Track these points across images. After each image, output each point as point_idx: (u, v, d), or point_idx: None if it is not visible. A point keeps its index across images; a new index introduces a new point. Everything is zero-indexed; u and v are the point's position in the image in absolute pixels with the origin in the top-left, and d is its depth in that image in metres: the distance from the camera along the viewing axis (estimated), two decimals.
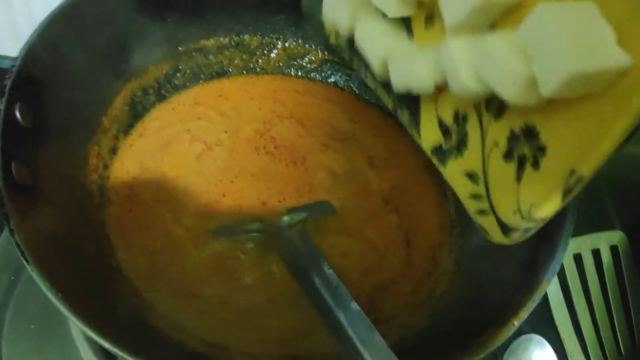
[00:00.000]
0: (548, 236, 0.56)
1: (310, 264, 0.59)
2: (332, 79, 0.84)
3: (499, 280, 0.58)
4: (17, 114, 0.56)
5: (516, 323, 0.50)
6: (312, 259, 0.60)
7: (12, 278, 0.71)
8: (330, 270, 0.58)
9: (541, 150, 0.41)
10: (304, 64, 0.85)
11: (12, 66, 0.58)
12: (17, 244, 0.49)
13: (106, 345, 0.45)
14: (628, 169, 0.99)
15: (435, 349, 0.52)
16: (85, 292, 0.54)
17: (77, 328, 0.68)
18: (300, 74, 0.85)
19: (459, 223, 0.71)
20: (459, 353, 0.49)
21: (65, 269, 0.53)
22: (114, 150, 0.71)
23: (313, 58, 0.84)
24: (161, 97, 0.77)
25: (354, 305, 0.54)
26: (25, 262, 0.48)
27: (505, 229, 0.47)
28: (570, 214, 0.56)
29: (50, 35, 0.62)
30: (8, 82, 0.56)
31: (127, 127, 0.74)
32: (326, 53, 0.84)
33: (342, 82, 0.84)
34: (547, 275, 0.52)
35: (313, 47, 0.84)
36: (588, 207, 0.90)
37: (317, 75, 0.85)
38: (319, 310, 0.56)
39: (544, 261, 0.54)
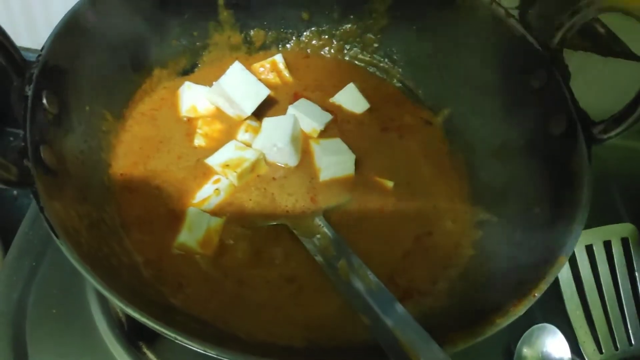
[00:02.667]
0: (564, 215, 0.58)
1: (338, 253, 0.62)
2: None
3: (516, 260, 0.59)
4: (44, 101, 0.58)
5: (537, 295, 0.51)
6: (339, 249, 0.62)
7: (34, 264, 0.72)
8: (355, 255, 0.61)
9: None
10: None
11: (39, 55, 0.59)
12: (46, 219, 0.50)
13: (130, 311, 0.46)
14: (637, 164, 1.01)
15: (456, 324, 0.53)
16: (109, 267, 0.55)
17: (98, 312, 0.69)
18: None
19: (480, 201, 0.73)
20: (481, 325, 0.49)
21: (90, 245, 0.55)
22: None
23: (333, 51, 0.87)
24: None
25: (377, 282, 0.57)
26: (54, 236, 0.49)
27: None
28: (586, 194, 0.57)
29: (74, 27, 0.64)
30: (35, 70, 0.57)
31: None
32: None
33: None
34: (565, 250, 0.53)
35: (327, 38, 0.87)
36: (598, 201, 0.91)
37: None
38: (344, 292, 0.58)
39: (562, 237, 0.55)
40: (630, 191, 0.96)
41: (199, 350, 0.46)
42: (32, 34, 0.95)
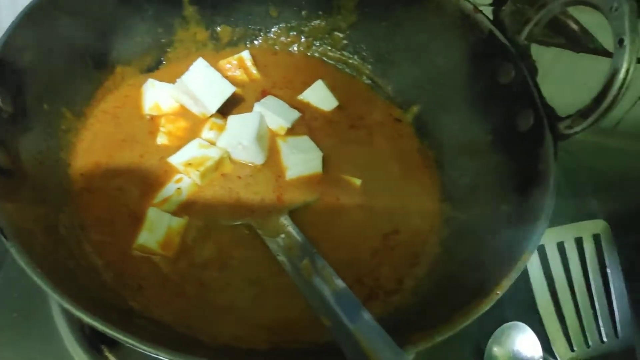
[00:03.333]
0: (529, 212, 0.57)
1: (302, 253, 0.61)
2: None
3: (481, 257, 0.59)
4: None
5: (499, 292, 0.50)
6: (304, 248, 0.61)
7: None
8: (319, 255, 0.60)
9: None
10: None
11: None
12: None
13: (81, 315, 0.45)
14: (609, 161, 1.01)
15: (419, 323, 0.52)
16: (65, 270, 0.54)
17: (60, 316, 0.67)
18: None
19: (448, 198, 0.72)
20: (443, 324, 0.49)
21: (45, 248, 0.53)
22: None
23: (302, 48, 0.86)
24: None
25: (341, 283, 0.56)
26: (4, 239, 0.48)
27: None
28: (550, 190, 0.57)
29: (30, 24, 0.62)
30: None
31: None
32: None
33: None
34: (529, 246, 0.53)
35: (295, 34, 0.86)
36: (570, 197, 0.91)
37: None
38: (306, 292, 0.57)
39: (526, 234, 0.54)
40: (602, 188, 0.95)
41: (152, 355, 0.45)
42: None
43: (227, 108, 0.74)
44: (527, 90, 0.65)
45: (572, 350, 0.77)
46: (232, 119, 0.71)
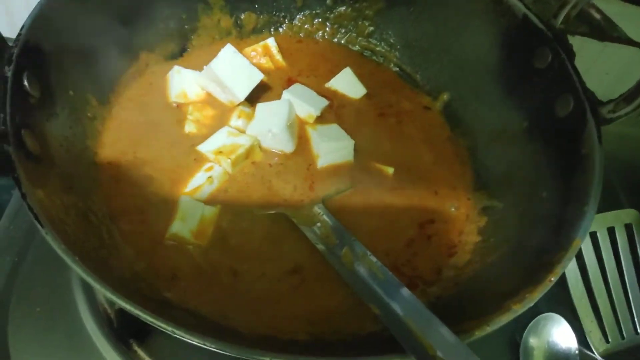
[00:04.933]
0: (575, 197, 0.55)
1: (340, 241, 0.59)
2: None
3: (526, 245, 0.57)
4: (25, 83, 0.54)
5: (553, 279, 0.48)
6: (341, 236, 0.59)
7: (16, 260, 0.68)
8: (358, 242, 0.58)
9: None
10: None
11: (19, 34, 0.56)
12: (29, 207, 0.46)
13: (125, 305, 0.43)
14: (634, 150, 0.99)
15: (467, 313, 0.50)
16: (98, 259, 0.52)
17: (85, 309, 0.65)
18: None
19: (483, 187, 0.70)
20: (495, 312, 0.47)
21: (77, 236, 0.51)
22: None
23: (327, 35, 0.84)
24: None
25: (384, 270, 0.55)
26: (39, 226, 0.46)
27: None
28: (598, 173, 0.55)
29: (55, 7, 0.60)
30: (15, 50, 0.54)
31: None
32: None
33: None
34: (580, 232, 0.51)
35: (320, 21, 0.84)
36: None
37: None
38: (350, 280, 0.55)
39: (575, 220, 0.53)
40: (628, 177, 0.94)
41: (199, 345, 0.43)
42: (10, 22, 0.91)
43: (255, 96, 0.73)
44: (566, 74, 0.63)
45: (607, 341, 0.75)
46: (261, 107, 0.70)
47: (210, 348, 0.43)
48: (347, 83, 0.78)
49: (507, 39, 0.70)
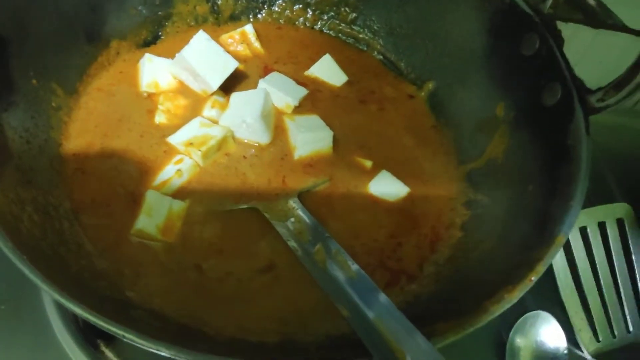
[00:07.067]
0: (560, 191, 0.53)
1: (314, 238, 0.56)
2: None
3: (509, 242, 0.54)
4: None
5: (533, 278, 0.45)
6: (315, 233, 0.57)
7: None
8: (332, 239, 0.55)
9: None
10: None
11: None
12: None
13: (70, 306, 0.40)
14: (627, 141, 0.96)
15: (444, 313, 0.47)
16: (55, 257, 0.49)
17: (52, 308, 0.62)
18: None
19: (468, 179, 0.68)
20: (473, 313, 0.44)
21: (32, 233, 0.49)
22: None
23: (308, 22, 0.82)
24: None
25: (357, 269, 0.52)
26: None
27: None
28: (584, 166, 0.53)
29: None
30: None
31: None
32: None
33: None
34: (564, 228, 0.48)
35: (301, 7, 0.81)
36: (590, 180, 0.86)
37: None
38: (320, 280, 0.53)
39: (559, 215, 0.50)
40: (622, 170, 0.91)
41: (152, 350, 0.40)
42: None
43: (229, 85, 0.70)
44: (554, 62, 0.60)
45: (598, 340, 0.72)
46: (235, 96, 0.67)
47: (164, 354, 0.40)
48: (328, 70, 0.75)
49: (494, 24, 0.68)
